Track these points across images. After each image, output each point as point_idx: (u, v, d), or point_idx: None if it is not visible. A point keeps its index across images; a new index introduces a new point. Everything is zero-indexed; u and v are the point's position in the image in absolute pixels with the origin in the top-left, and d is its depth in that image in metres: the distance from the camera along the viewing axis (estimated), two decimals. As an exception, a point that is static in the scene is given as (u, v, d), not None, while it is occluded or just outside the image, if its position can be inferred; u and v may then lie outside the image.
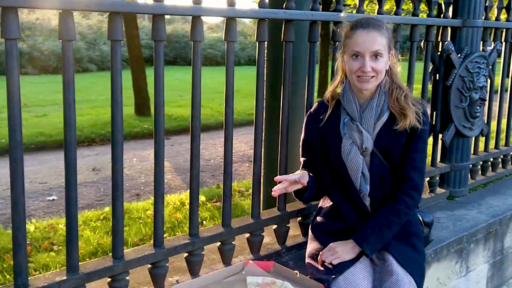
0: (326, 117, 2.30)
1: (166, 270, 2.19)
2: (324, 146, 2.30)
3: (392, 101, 2.22)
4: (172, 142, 9.69)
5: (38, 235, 4.86)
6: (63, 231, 4.77)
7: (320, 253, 2.23)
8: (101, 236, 4.70)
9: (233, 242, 2.45)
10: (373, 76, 2.16)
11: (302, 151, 2.42)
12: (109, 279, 2.03)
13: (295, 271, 2.34)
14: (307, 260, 2.33)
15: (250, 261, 2.42)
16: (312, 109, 2.42)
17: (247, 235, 2.54)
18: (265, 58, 2.46)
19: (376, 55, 2.14)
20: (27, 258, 1.79)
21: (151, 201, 5.81)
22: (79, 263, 1.93)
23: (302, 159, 2.41)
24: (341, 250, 2.18)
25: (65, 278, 1.87)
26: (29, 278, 1.82)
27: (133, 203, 5.78)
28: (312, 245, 2.37)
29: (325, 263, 2.19)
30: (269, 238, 2.75)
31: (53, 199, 6.36)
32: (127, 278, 2.06)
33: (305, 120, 2.42)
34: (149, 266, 2.16)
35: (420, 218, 2.46)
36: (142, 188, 6.93)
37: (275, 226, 2.66)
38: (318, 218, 2.40)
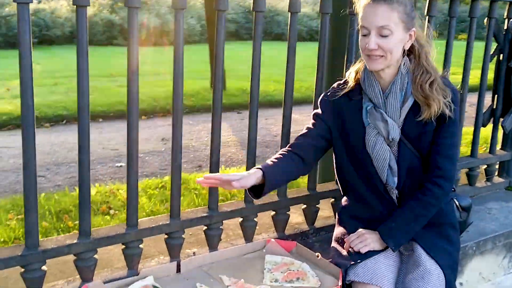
0: (346, 100, 2.12)
1: (182, 242, 2.19)
2: (345, 135, 2.13)
3: (415, 88, 2.01)
4: (242, 117, 9.75)
5: (98, 198, 5.09)
6: (121, 196, 4.96)
7: (347, 238, 2.13)
8: (155, 203, 4.85)
9: (255, 219, 2.41)
10: (381, 56, 1.96)
11: (309, 125, 2.19)
12: (123, 246, 2.06)
13: (316, 254, 2.27)
14: (333, 243, 2.25)
15: (272, 240, 2.37)
16: (329, 90, 2.21)
17: (272, 213, 2.48)
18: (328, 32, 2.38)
19: (383, 32, 1.92)
20: (37, 221, 1.84)
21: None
22: (94, 229, 1.98)
23: (304, 130, 2.18)
24: (371, 238, 2.07)
25: (75, 241, 1.92)
26: (40, 239, 1.88)
27: (192, 174, 5.89)
28: (338, 229, 2.28)
29: (351, 249, 2.08)
30: (301, 218, 2.68)
31: (120, 166, 6.63)
32: (140, 246, 2.08)
33: (320, 99, 2.21)
34: (165, 236, 2.17)
35: (457, 202, 2.29)
36: (206, 160, 7.03)
37: (304, 206, 2.58)
38: (345, 202, 2.29)
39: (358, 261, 2.02)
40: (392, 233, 2.04)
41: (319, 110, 2.19)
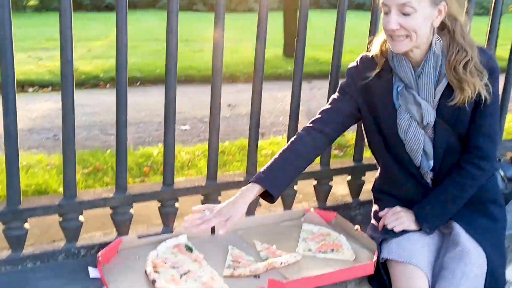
0: (375, 79, 1.95)
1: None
2: (375, 115, 1.98)
3: (448, 69, 1.83)
4: (312, 86, 9.60)
5: (159, 159, 5.21)
6: (181, 158, 5.06)
7: (382, 213, 2.05)
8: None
9: (295, 188, 2.36)
10: (406, 36, 1.79)
11: (336, 98, 2.04)
12: (159, 204, 2.09)
13: (355, 227, 2.20)
14: (372, 221, 2.16)
15: (311, 209, 2.32)
16: (356, 63, 2.05)
17: (314, 182, 2.42)
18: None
19: (405, 9, 1.74)
20: (75, 173, 1.90)
21: (271, 140, 5.88)
22: (130, 185, 2.01)
23: (329, 104, 2.05)
24: (406, 217, 1.97)
25: (111, 196, 1.96)
26: (78, 191, 1.93)
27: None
28: (374, 206, 2.19)
29: (385, 227, 2.00)
30: (345, 190, 2.61)
31: (185, 129, 6.75)
32: (176, 205, 2.10)
33: (347, 72, 2.05)
34: (201, 197, 2.18)
35: (502, 173, 2.12)
36: (268, 127, 7.01)
37: (349, 178, 2.50)
38: (380, 178, 2.19)
39: (393, 235, 1.94)
40: (427, 216, 1.93)
41: (346, 83, 2.05)
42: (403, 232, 1.94)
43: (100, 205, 1.93)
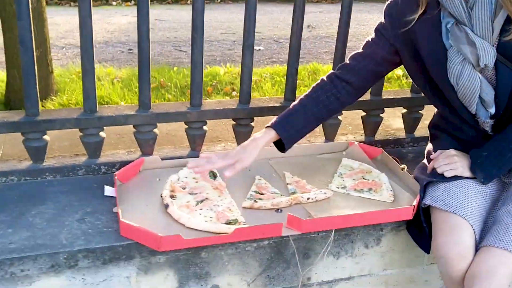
0: (417, 16, 1.63)
1: (250, 130, 2.03)
2: (419, 60, 1.68)
3: None
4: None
5: (225, 78, 5.09)
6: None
7: (434, 156, 1.80)
8: (276, 90, 4.72)
9: (339, 117, 2.14)
10: None
11: (371, 41, 1.78)
12: (186, 126, 1.96)
13: (401, 166, 1.97)
14: (424, 161, 1.92)
15: (356, 143, 2.11)
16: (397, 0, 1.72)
17: (363, 113, 2.19)
18: None
19: None
20: (94, 86, 1.80)
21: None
22: (154, 104, 1.89)
23: (363, 48, 1.79)
24: (461, 162, 1.70)
25: (133, 113, 1.86)
26: (99, 106, 1.84)
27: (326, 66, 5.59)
28: (429, 145, 1.93)
29: (435, 171, 1.76)
30: (399, 124, 2.35)
31: (259, 49, 6.53)
32: (204, 128, 1.97)
33: (385, 11, 1.75)
34: (233, 122, 2.02)
35: None
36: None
37: (404, 111, 2.23)
38: (437, 116, 1.91)
39: (438, 182, 1.70)
40: (482, 163, 1.66)
41: (383, 25, 1.75)
42: (454, 178, 1.69)
43: (121, 122, 1.83)
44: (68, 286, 1.59)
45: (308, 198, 1.77)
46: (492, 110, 1.62)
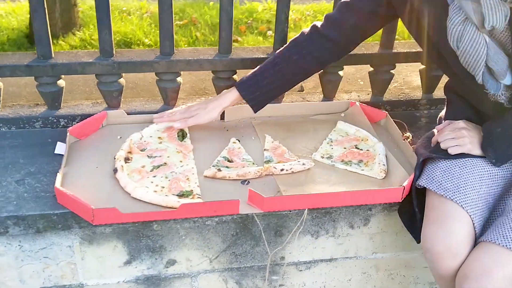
0: None
1: (232, 84, 1.77)
2: (417, 16, 1.37)
3: None
4: None
5: (262, 16, 4.74)
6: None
7: (440, 126, 1.50)
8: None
9: (340, 73, 1.83)
10: None
11: None
12: (157, 77, 1.73)
13: (406, 135, 1.68)
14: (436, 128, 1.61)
15: (357, 103, 1.81)
16: None
17: (370, 68, 1.87)
18: None
19: None
20: (47, 27, 1.58)
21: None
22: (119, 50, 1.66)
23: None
24: (470, 137, 1.41)
25: (91, 61, 1.64)
26: (55, 51, 1.64)
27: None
28: (443, 111, 1.62)
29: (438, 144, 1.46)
30: (415, 82, 2.01)
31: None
32: (177, 80, 1.73)
33: None
34: (212, 75, 1.77)
35: None
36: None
37: (422, 67, 1.89)
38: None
39: (439, 159, 1.40)
40: (496, 140, 1.35)
41: None
42: (460, 156, 1.39)
43: (78, 71, 1.62)
44: (4, 252, 1.45)
45: (282, 170, 1.52)
46: (507, 81, 1.28)
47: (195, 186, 1.45)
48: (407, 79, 2.15)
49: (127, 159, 1.53)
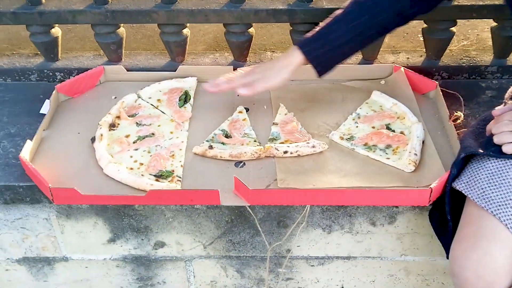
0: None
1: (247, 39, 1.50)
2: None
3: None
4: None
5: None
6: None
7: (496, 112, 1.15)
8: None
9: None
10: None
11: None
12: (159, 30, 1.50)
13: (455, 114, 1.34)
14: (499, 107, 1.26)
15: (402, 69, 1.47)
16: None
17: (423, 25, 1.50)
18: None
19: None
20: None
21: None
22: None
23: None
24: None
25: (81, 9, 1.44)
26: (43, -4, 1.45)
27: None
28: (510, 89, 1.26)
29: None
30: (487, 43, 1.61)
31: None
32: (183, 32, 1.49)
33: None
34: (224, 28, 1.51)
35: None
36: None
37: (494, 24, 1.49)
38: None
39: (488, 157, 1.08)
40: None
41: None
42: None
43: (68, 20, 1.43)
44: (-22, 219, 1.35)
45: (285, 152, 1.26)
46: None
47: (178, 166, 1.24)
48: (483, 35, 1.73)
49: (112, 126, 1.35)
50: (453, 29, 1.46)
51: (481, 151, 1.09)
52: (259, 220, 1.31)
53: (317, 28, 1.27)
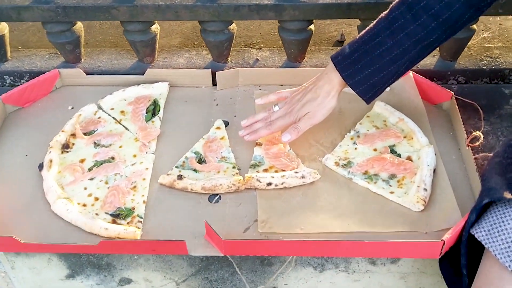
0: None
1: (227, 38, 1.27)
2: None
3: None
4: None
5: None
6: None
7: None
8: None
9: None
10: None
11: None
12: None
13: (474, 134, 1.13)
14: None
15: (411, 73, 1.25)
16: None
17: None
18: None
19: None
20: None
21: None
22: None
23: None
24: None
25: (28, 4, 1.21)
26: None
27: None
28: None
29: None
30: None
31: None
32: (152, 30, 1.26)
33: None
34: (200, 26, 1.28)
35: None
36: None
37: (523, 19, 1.26)
38: None
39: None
40: None
41: None
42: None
43: (12, 17, 1.21)
44: None
45: (269, 184, 1.05)
46: None
47: (140, 202, 1.04)
48: (506, 24, 1.49)
49: (65, 147, 1.15)
50: (474, 26, 1.23)
51: (510, 196, 0.89)
52: (238, 258, 1.12)
53: (358, 38, 1.04)
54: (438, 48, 1.30)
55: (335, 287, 1.21)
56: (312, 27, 1.26)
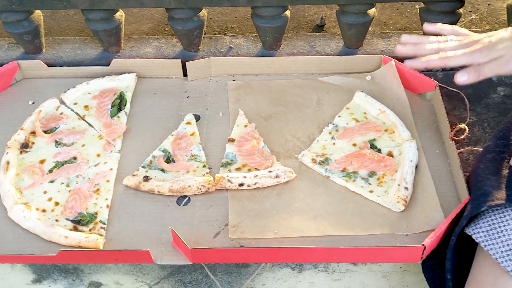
0: None
1: (196, 26, 1.20)
2: None
3: None
4: None
5: None
6: None
7: None
8: None
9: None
10: None
11: None
12: (87, 11, 1.19)
13: (458, 126, 1.07)
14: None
15: (393, 61, 1.18)
16: None
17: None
18: None
19: None
20: None
21: None
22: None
23: None
24: None
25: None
26: None
27: None
28: None
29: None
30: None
31: None
32: (116, 18, 1.19)
33: None
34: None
35: None
36: None
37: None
38: None
39: None
40: None
41: None
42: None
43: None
44: None
45: (241, 185, 1.00)
46: None
47: (103, 206, 0.99)
48: (495, 5, 1.42)
49: (25, 147, 1.08)
50: (460, 10, 1.16)
51: (505, 202, 0.83)
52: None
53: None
54: (422, 32, 1.24)
55: (315, 287, 1.17)
56: (287, 12, 1.18)
